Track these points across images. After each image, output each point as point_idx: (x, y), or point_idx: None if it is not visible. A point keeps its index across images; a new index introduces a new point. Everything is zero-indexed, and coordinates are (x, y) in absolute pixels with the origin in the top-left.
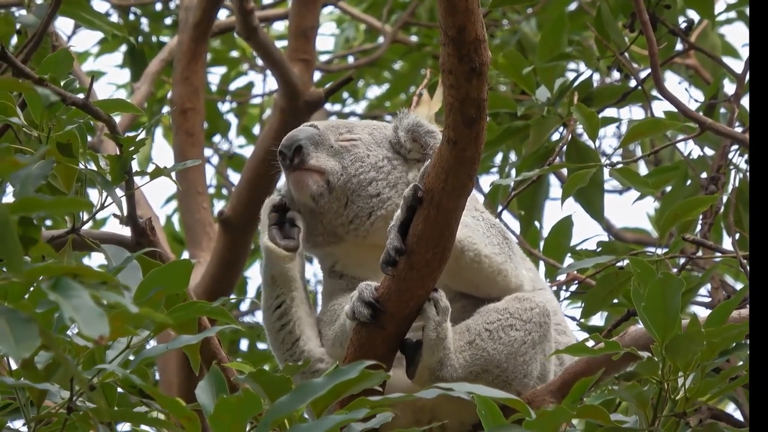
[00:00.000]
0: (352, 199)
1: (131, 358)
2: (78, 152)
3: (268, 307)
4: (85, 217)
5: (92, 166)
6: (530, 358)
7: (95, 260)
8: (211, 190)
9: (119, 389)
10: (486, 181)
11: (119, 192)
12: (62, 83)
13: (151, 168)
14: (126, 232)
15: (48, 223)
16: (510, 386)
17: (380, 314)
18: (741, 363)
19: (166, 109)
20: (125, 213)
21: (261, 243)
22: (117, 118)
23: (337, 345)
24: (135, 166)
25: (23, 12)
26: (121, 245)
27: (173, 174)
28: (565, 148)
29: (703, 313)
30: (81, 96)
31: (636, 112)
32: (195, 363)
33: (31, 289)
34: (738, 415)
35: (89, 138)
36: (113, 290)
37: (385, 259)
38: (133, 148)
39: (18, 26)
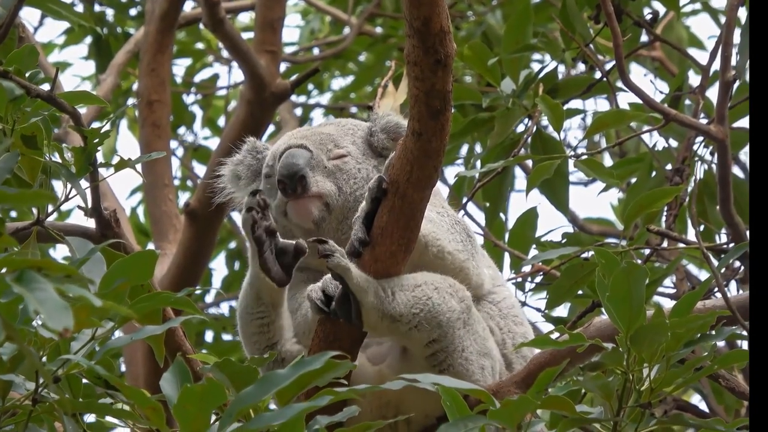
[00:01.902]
0: (348, 216)
1: (96, 348)
2: (43, 144)
3: (249, 314)
4: (50, 208)
5: (57, 158)
6: (463, 336)
7: (60, 252)
8: (176, 182)
9: (85, 381)
10: (451, 173)
11: (84, 184)
12: (27, 75)
13: (116, 160)
14: (91, 223)
15: (13, 214)
16: (451, 363)
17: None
18: (706, 354)
19: (131, 101)
20: (90, 205)
21: (250, 262)
22: (82, 110)
23: (300, 334)
24: (100, 158)
25: None
26: (85, 237)
27: (138, 166)
28: (530, 139)
29: (668, 304)
30: (46, 88)
31: (601, 105)
32: (159, 354)
33: None
34: (703, 406)
35: (55, 130)
36: (77, 283)
37: (350, 250)
38: (97, 140)
39: None
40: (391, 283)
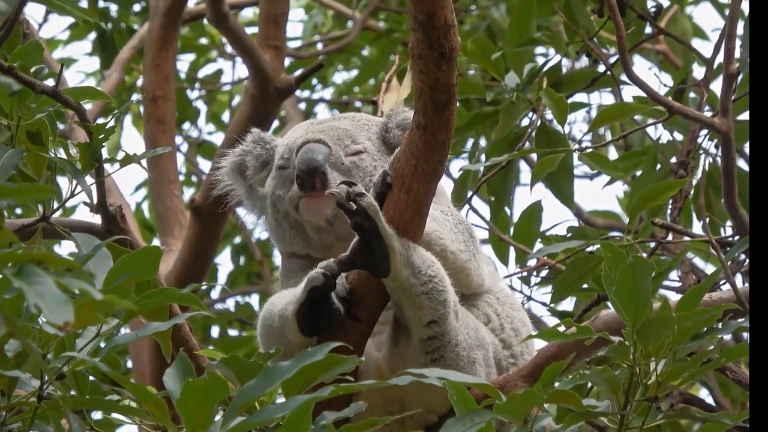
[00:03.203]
0: None
1: (102, 345)
2: (48, 140)
3: (271, 335)
4: (56, 205)
5: (62, 154)
6: (457, 328)
7: (65, 250)
8: (181, 178)
9: (92, 378)
10: (456, 167)
11: (89, 180)
12: (32, 71)
13: (121, 155)
14: (96, 220)
15: (18, 212)
16: (443, 354)
17: (353, 306)
18: (712, 347)
19: (136, 97)
20: (95, 201)
21: (290, 299)
22: (87, 106)
23: None
24: (104, 154)
25: None
26: (91, 233)
27: (144, 161)
28: (534, 133)
29: (673, 297)
30: (51, 83)
31: (605, 98)
32: (166, 350)
33: None
34: (710, 400)
35: (60, 126)
36: (79, 277)
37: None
38: (102, 135)
39: None
40: (408, 241)
